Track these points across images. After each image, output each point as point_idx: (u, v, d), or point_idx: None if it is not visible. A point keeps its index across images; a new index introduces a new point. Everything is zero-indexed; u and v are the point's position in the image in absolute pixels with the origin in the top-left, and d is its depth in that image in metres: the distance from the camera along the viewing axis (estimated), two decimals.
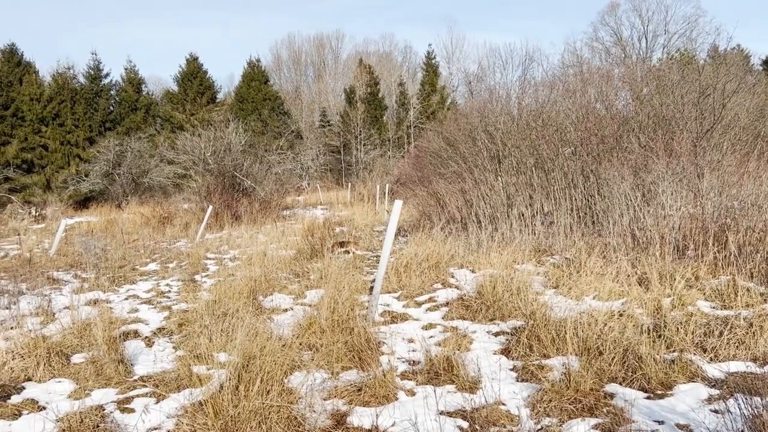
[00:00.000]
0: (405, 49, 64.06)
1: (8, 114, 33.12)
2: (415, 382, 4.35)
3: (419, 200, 12.89)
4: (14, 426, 3.95)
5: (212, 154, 21.70)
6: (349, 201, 26.03)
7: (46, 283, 9.22)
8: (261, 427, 3.44)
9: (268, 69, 49.47)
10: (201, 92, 39.56)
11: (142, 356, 5.47)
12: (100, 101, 36.22)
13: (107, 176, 30.77)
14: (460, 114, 17.72)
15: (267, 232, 14.32)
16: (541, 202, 9.77)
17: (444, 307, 6.43)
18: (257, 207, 19.38)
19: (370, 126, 43.10)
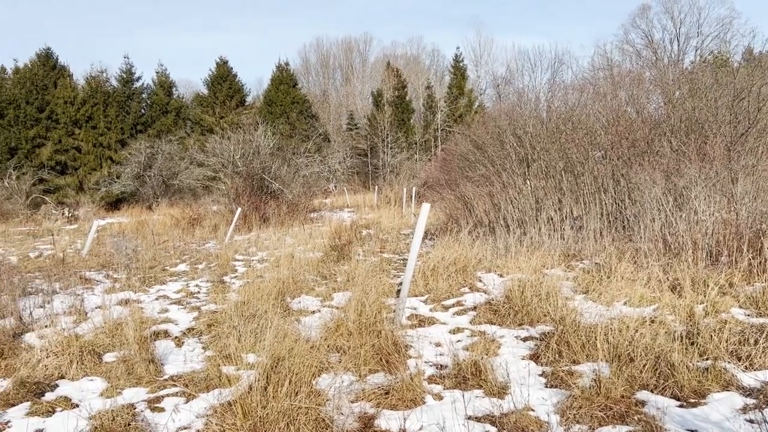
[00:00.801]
0: (433, 53, 64.05)
1: (43, 117, 33.90)
2: (442, 386, 4.34)
3: (446, 204, 12.85)
4: (48, 422, 4.03)
5: (241, 156, 21.91)
6: (375, 204, 26.07)
7: (78, 282, 9.38)
8: (289, 428, 3.46)
9: (297, 72, 49.82)
10: (230, 95, 39.99)
11: (172, 356, 5.54)
12: (132, 104, 36.84)
13: (138, 178, 31.28)
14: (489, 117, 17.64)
15: (294, 235, 14.41)
16: (570, 206, 9.67)
17: (471, 312, 6.39)
18: (285, 209, 19.52)
19: (397, 129, 43.12)
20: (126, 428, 3.76)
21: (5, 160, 32.49)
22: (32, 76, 34.49)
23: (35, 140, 33.85)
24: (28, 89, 33.97)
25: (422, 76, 53.93)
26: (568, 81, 29.65)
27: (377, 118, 43.41)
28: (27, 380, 4.79)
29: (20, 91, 33.79)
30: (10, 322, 6.60)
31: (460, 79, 47.41)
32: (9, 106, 33.38)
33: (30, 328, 6.56)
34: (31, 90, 34.05)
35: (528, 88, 32.25)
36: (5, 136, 33.08)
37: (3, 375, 5.16)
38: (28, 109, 33.60)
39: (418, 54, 62.01)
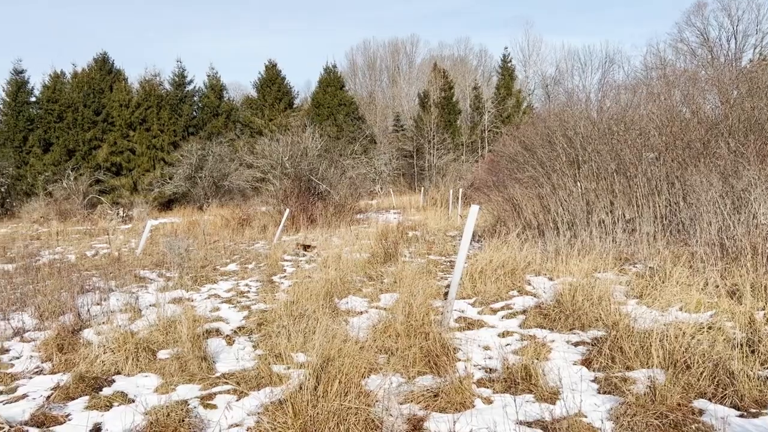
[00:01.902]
0: (480, 53, 63.58)
1: (99, 119, 35.02)
2: (492, 390, 4.29)
3: (494, 205, 12.73)
4: (106, 416, 4.16)
5: (289, 158, 22.16)
6: (421, 205, 26.01)
7: (133, 281, 9.65)
8: (339, 428, 3.48)
9: (344, 75, 50.15)
10: (279, 98, 40.52)
11: (223, 354, 5.64)
12: (184, 107, 37.69)
13: (190, 179, 31.99)
14: (538, 118, 17.40)
15: (341, 236, 14.50)
16: (622, 208, 9.45)
17: (521, 315, 6.31)
18: (331, 210, 19.65)
19: (443, 130, 42.95)
20: (180, 424, 3.85)
21: (64, 161, 33.67)
22: (90, 80, 35.66)
23: (92, 142, 34.98)
24: (85, 93, 35.14)
25: (469, 76, 53.65)
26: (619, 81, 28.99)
27: (423, 119, 43.33)
28: (86, 375, 4.95)
29: (78, 95, 34.97)
30: (69, 319, 6.84)
31: (508, 80, 46.94)
32: (68, 109, 34.59)
33: (88, 325, 6.78)
34: (89, 93, 35.20)
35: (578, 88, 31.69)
36: (64, 139, 34.28)
37: (63, 369, 5.34)
38: (85, 112, 34.75)
39: (465, 55, 61.75)
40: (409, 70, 62.35)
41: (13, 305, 7.74)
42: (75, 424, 4.05)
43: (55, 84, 35.55)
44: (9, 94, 34.87)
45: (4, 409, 4.35)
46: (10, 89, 34.90)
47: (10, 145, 33.90)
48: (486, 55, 63.22)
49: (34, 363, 5.65)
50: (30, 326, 6.93)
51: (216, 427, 3.83)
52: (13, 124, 34.21)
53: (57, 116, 34.56)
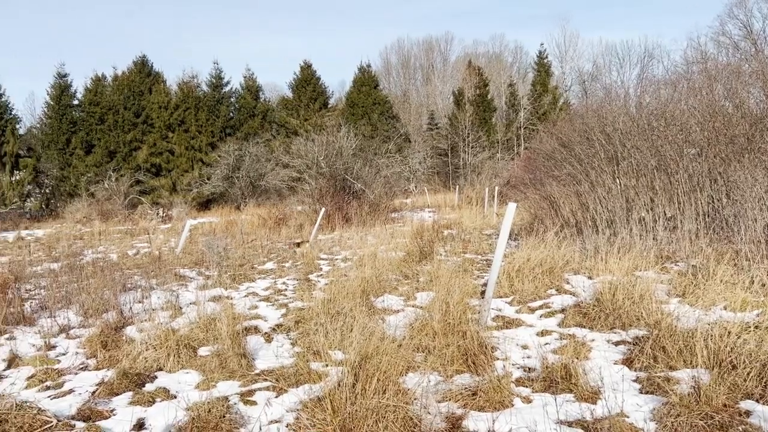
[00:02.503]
0: (515, 50, 62.93)
1: (139, 121, 35.76)
2: (531, 389, 4.25)
3: (530, 203, 12.60)
4: (149, 412, 4.25)
5: (324, 157, 22.30)
6: (456, 204, 25.90)
7: (173, 279, 9.83)
8: (377, 425, 3.49)
9: (378, 74, 50.20)
10: (314, 98, 40.78)
11: (262, 351, 5.71)
12: (221, 108, 38.21)
13: (227, 179, 32.43)
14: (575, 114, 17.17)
15: (376, 234, 14.53)
16: (663, 206, 9.26)
17: (559, 314, 6.24)
18: (366, 209, 19.71)
19: (478, 128, 42.68)
20: (221, 420, 3.91)
21: (106, 162, 34.49)
22: (129, 83, 36.43)
23: (132, 144, 35.74)
24: (125, 95, 35.91)
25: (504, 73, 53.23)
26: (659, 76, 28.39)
27: (458, 117, 43.13)
28: (129, 371, 5.06)
29: (119, 98, 35.77)
30: (112, 316, 7.00)
31: (544, 76, 46.37)
32: (109, 111, 35.41)
33: (130, 322, 6.93)
34: (129, 96, 35.97)
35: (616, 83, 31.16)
36: (105, 140, 35.10)
37: (107, 365, 5.48)
38: (125, 114, 35.52)
39: (500, 52, 61.25)
40: (443, 68, 62.16)
41: (59, 303, 7.96)
42: (119, 419, 4.15)
43: (97, 87, 36.42)
44: (53, 98, 35.85)
45: (52, 404, 4.48)
46: (53, 93, 35.87)
47: (54, 147, 34.85)
48: (521, 51, 62.59)
49: (80, 359, 5.80)
50: (75, 323, 7.12)
51: (256, 424, 3.88)
52: (57, 126, 35.16)
53: (98, 118, 35.39)
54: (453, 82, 56.05)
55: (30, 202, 34.66)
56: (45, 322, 7.13)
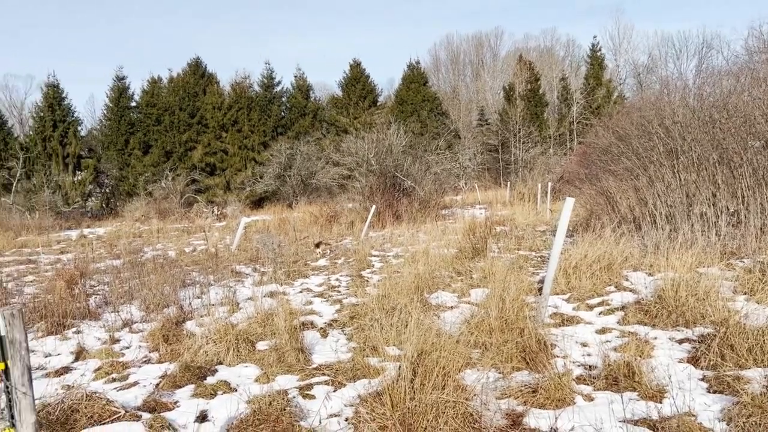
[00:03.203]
0: (567, 43, 61.77)
1: (194, 122, 36.62)
2: (592, 387, 4.16)
3: (586, 199, 12.34)
4: (212, 404, 4.34)
5: (374, 155, 22.38)
6: (508, 200, 25.61)
7: (230, 275, 10.03)
8: (437, 420, 3.47)
9: (427, 70, 50.06)
10: (363, 96, 40.96)
11: (318, 346, 5.77)
12: (273, 107, 38.79)
13: (279, 178, 32.90)
14: (632, 107, 16.73)
15: (427, 231, 14.49)
16: (725, 200, 8.93)
17: (619, 311, 6.09)
18: (417, 206, 19.69)
19: (529, 123, 42.07)
20: (281, 413, 3.96)
21: (162, 162, 35.45)
22: (184, 85, 37.35)
23: (187, 144, 36.64)
24: (181, 97, 36.83)
25: (556, 68, 52.31)
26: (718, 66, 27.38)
27: (509, 112, 42.62)
28: (190, 364, 5.18)
29: (174, 99, 36.71)
30: (173, 311, 7.19)
31: (598, 69, 45.32)
32: (165, 112, 36.38)
33: (190, 317, 7.11)
34: (184, 97, 36.87)
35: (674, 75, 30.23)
36: (162, 141, 36.08)
37: (169, 359, 5.62)
38: (181, 115, 36.43)
39: (551, 46, 60.26)
40: (493, 64, 61.53)
41: (122, 298, 8.23)
42: (183, 410, 4.25)
43: (153, 89, 37.49)
44: (112, 100, 37.07)
45: (118, 395, 4.62)
46: (112, 95, 37.10)
47: (113, 148, 36.03)
48: (573, 45, 61.40)
49: (143, 352, 5.98)
50: (137, 318, 7.34)
51: (316, 417, 3.91)
52: (115, 127, 36.35)
53: (155, 119, 36.41)
54: (503, 78, 55.43)
55: (91, 202, 35.95)
56: (109, 316, 7.37)
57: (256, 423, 3.86)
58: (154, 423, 3.92)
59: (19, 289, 9.87)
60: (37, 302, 8.07)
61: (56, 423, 3.96)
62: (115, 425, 3.94)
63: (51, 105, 35.37)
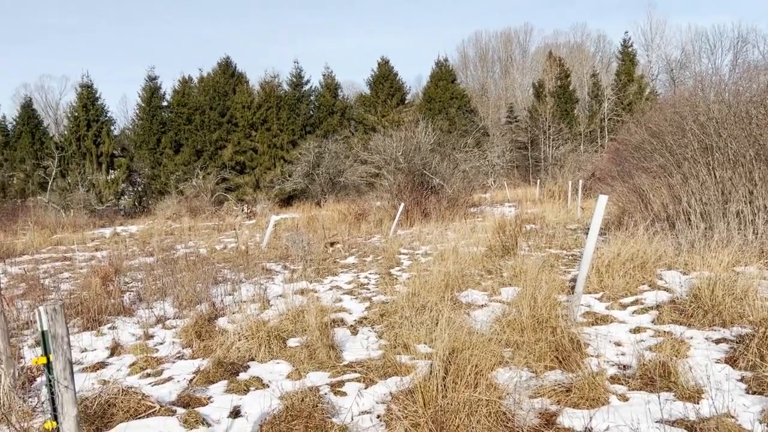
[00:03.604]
0: (598, 39, 60.95)
1: (224, 121, 36.99)
2: (627, 387, 4.11)
3: (618, 196, 12.16)
4: (245, 400, 4.39)
5: (402, 153, 22.34)
6: (537, 198, 25.38)
7: (260, 273, 10.11)
8: (469, 419, 3.46)
9: (455, 68, 49.82)
10: (391, 94, 40.91)
11: (349, 343, 5.79)
12: (301, 106, 38.96)
13: (308, 176, 33.07)
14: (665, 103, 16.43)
15: (456, 229, 14.43)
16: (763, 198, 8.73)
17: (653, 311, 5.99)
18: (445, 204, 19.62)
19: (559, 120, 41.61)
20: (313, 409, 3.98)
21: (193, 161, 35.88)
22: (214, 84, 37.73)
23: (218, 143, 37.01)
24: (211, 96, 37.22)
25: (587, 64, 51.67)
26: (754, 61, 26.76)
27: (538, 109, 42.22)
28: (223, 360, 5.25)
29: (204, 98, 37.12)
30: (205, 308, 7.28)
31: (629, 65, 44.59)
32: (195, 112, 36.81)
33: (222, 313, 7.19)
34: (214, 96, 37.25)
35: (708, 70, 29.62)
36: (193, 140, 36.51)
37: (202, 355, 5.70)
38: (211, 115, 36.82)
39: (582, 41, 59.53)
40: (522, 60, 61.04)
41: (155, 295, 8.36)
42: (217, 406, 4.31)
43: (184, 88, 37.95)
44: (144, 100, 37.63)
45: (153, 390, 4.70)
46: (144, 95, 37.65)
47: (145, 147, 36.58)
48: (604, 40, 60.57)
49: (176, 348, 6.06)
50: (170, 314, 7.45)
51: (347, 414, 3.93)
52: (147, 127, 36.89)
53: (186, 119, 36.86)
54: (533, 74, 54.95)
55: (124, 200, 36.54)
56: (143, 312, 7.51)
57: (288, 419, 3.89)
58: (189, 418, 3.97)
59: (55, 285, 10.09)
60: (73, 298, 8.25)
61: (94, 417, 4.04)
62: (151, 420, 4.01)
63: (85, 105, 36.03)
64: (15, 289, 9.79)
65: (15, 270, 12.25)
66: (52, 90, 73.59)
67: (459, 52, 63.73)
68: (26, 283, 10.11)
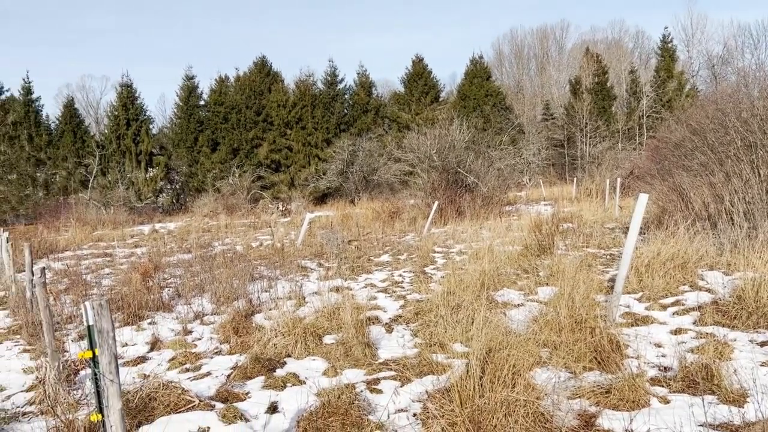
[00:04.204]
0: (636, 35, 59.81)
1: (260, 119, 37.38)
2: (668, 389, 4.03)
3: (657, 195, 11.93)
4: (282, 395, 4.43)
5: (436, 151, 22.27)
6: (574, 196, 25.04)
7: (296, 270, 10.20)
8: (507, 419, 3.44)
9: (490, 65, 49.46)
10: (425, 92, 40.82)
11: (384, 341, 5.80)
12: (336, 105, 39.14)
13: (341, 174, 33.22)
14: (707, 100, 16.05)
15: (490, 228, 14.33)
16: None
17: (694, 312, 5.87)
18: (479, 202, 19.48)
19: (597, 117, 40.96)
20: (350, 407, 4.00)
21: (229, 159, 36.34)
22: (251, 83, 38.14)
23: (253, 141, 37.42)
24: (247, 95, 37.63)
25: (624, 60, 50.69)
26: None
27: (575, 106, 41.62)
28: (260, 356, 5.31)
29: (241, 97, 37.55)
30: (242, 304, 7.38)
31: (669, 61, 43.63)
32: (232, 111, 37.27)
33: (258, 310, 7.28)
34: (250, 95, 37.66)
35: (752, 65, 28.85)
36: (229, 138, 36.98)
37: (239, 351, 5.78)
38: (247, 113, 37.23)
39: (619, 37, 58.49)
40: (558, 57, 60.28)
41: (193, 291, 8.50)
42: (255, 401, 4.36)
43: (221, 88, 38.46)
44: (182, 99, 38.26)
45: (192, 385, 4.79)
46: (182, 94, 38.27)
47: (183, 146, 37.18)
48: (643, 36, 59.40)
49: (214, 344, 6.16)
50: (208, 310, 7.57)
51: (384, 412, 3.94)
52: (185, 126, 37.49)
53: (223, 117, 37.35)
54: (569, 71, 54.19)
55: (162, 197, 37.23)
56: (181, 308, 7.64)
57: (325, 416, 3.92)
58: (227, 413, 4.03)
59: (97, 281, 10.33)
60: (113, 294, 8.44)
61: (135, 410, 4.13)
62: (190, 414, 4.08)
63: (125, 104, 36.77)
64: (58, 284, 10.06)
65: (58, 266, 12.59)
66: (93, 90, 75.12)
67: (494, 49, 63.27)
68: (69, 278, 10.38)
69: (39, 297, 4.66)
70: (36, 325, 6.54)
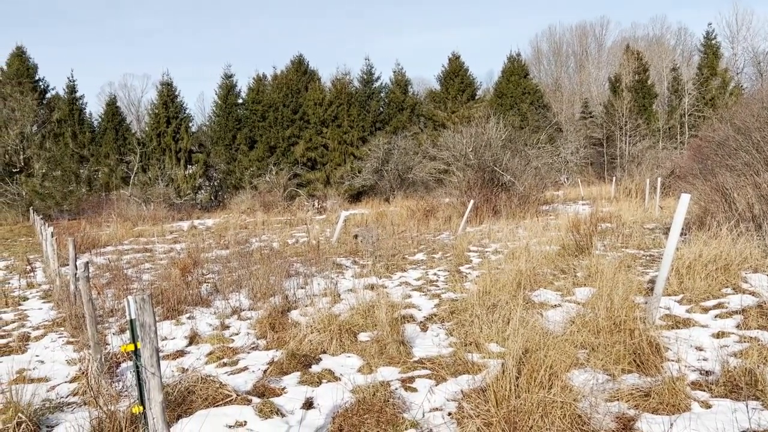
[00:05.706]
0: (678, 32, 58.58)
1: (297, 118, 37.68)
2: (709, 393, 3.94)
3: (699, 195, 11.65)
4: (317, 392, 4.47)
5: (472, 149, 22.14)
6: (613, 196, 24.63)
7: (331, 267, 10.26)
8: (543, 420, 3.41)
9: (528, 62, 48.94)
10: (461, 90, 40.61)
11: (419, 339, 5.80)
12: (371, 103, 39.24)
13: (377, 172, 33.30)
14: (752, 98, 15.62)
15: (527, 227, 14.19)
16: None
17: (737, 315, 5.72)
18: (516, 201, 19.30)
19: (637, 116, 40.16)
20: (384, 404, 4.02)
21: (266, 157, 36.74)
22: (287, 82, 38.48)
23: (290, 139, 37.75)
24: (284, 93, 37.98)
25: (666, 57, 49.67)
26: None
27: (614, 104, 40.90)
28: (296, 352, 5.36)
29: (278, 95, 37.91)
30: (278, 300, 7.46)
31: (712, 59, 42.53)
32: (269, 109, 37.66)
33: (294, 306, 7.35)
34: (287, 94, 38.00)
35: None
36: (266, 136, 37.39)
37: (275, 346, 5.84)
38: (284, 112, 37.58)
39: (661, 34, 57.37)
40: (598, 54, 59.36)
41: (231, 286, 8.61)
42: (290, 397, 4.41)
43: (258, 86, 38.90)
44: (220, 97, 38.82)
45: (229, 379, 4.86)
46: (221, 92, 38.84)
47: (221, 143, 37.73)
48: (685, 33, 58.14)
49: (251, 339, 6.24)
50: (245, 306, 7.66)
51: (419, 410, 3.94)
52: (224, 124, 38.03)
53: (260, 116, 37.77)
54: (609, 69, 53.35)
55: (201, 194, 37.81)
56: (219, 303, 7.75)
57: (360, 412, 3.94)
58: (264, 408, 4.08)
59: (137, 275, 10.55)
60: (153, 288, 8.62)
61: (174, 403, 4.21)
62: (228, 408, 4.14)
63: (165, 102, 37.44)
64: (100, 278, 10.31)
65: (100, 260, 12.90)
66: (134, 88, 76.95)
67: (532, 46, 62.70)
68: (111, 273, 10.63)
69: (82, 291, 4.78)
70: (79, 318, 6.73)
